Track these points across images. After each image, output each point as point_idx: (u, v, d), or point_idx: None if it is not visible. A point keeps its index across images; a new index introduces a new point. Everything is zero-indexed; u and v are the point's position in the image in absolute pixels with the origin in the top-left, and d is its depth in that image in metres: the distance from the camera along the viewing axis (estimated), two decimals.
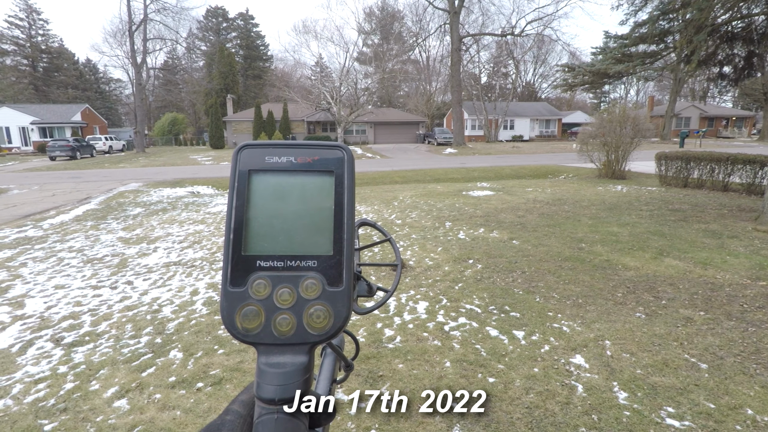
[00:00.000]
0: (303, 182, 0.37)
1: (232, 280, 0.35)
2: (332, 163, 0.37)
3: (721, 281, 4.39)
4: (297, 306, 0.34)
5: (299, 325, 0.34)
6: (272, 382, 0.33)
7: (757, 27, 8.81)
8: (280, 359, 0.33)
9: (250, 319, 0.34)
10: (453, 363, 2.99)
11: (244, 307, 0.34)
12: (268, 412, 0.32)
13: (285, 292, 0.34)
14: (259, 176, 0.37)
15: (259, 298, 0.34)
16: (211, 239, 6.65)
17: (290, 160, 0.37)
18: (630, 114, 13.41)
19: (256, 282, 0.34)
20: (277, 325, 0.33)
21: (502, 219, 7.65)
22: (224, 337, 3.43)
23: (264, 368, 0.33)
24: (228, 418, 0.35)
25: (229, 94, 47.51)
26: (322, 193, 0.37)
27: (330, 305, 0.34)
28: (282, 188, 0.37)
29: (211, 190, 13.23)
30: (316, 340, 0.34)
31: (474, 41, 41.33)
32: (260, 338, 0.34)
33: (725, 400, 2.50)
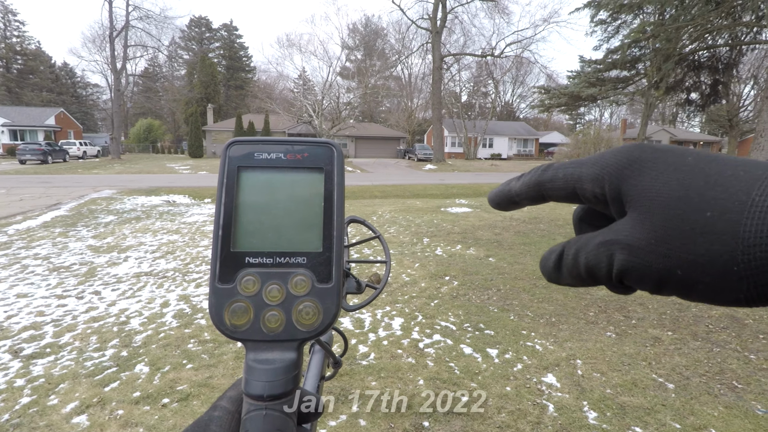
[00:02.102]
0: (292, 179, 0.37)
1: (221, 277, 0.34)
2: (322, 159, 0.37)
3: (688, 302, 4.50)
4: (286, 302, 0.34)
5: (288, 322, 0.34)
6: (261, 378, 0.33)
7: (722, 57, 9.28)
8: (268, 356, 0.33)
9: (239, 316, 0.33)
10: (426, 381, 2.97)
11: (233, 303, 0.34)
12: (257, 408, 0.32)
13: (274, 288, 0.34)
14: (248, 172, 0.37)
15: (247, 295, 0.34)
16: (185, 250, 6.51)
17: (279, 156, 0.37)
18: (604, 136, 13.84)
19: (245, 278, 0.34)
20: (266, 322, 0.33)
21: (479, 236, 7.73)
22: (194, 351, 3.34)
23: (252, 365, 0.33)
24: (216, 414, 0.34)
25: (210, 103, 47.12)
26: (312, 190, 0.36)
27: (319, 302, 0.34)
28: (271, 184, 0.36)
29: (188, 200, 12.99)
30: (305, 337, 0.34)
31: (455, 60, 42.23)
32: (249, 335, 0.33)
33: (690, 421, 2.55)
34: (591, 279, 0.26)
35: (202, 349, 3.38)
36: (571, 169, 0.28)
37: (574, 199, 0.28)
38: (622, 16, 9.56)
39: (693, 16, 8.13)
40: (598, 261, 0.25)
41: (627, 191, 0.25)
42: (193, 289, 4.79)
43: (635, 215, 0.24)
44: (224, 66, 64.95)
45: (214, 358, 3.25)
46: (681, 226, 0.22)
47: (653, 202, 0.24)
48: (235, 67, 66.06)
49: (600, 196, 0.27)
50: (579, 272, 0.27)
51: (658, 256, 0.23)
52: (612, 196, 0.26)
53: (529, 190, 0.31)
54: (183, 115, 51.61)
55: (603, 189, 0.26)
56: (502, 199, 0.33)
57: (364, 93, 39.00)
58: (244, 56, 67.72)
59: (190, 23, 63.78)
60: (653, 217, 0.24)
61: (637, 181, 0.25)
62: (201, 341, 3.53)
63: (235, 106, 60.10)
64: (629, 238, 0.24)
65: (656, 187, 0.24)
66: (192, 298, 4.49)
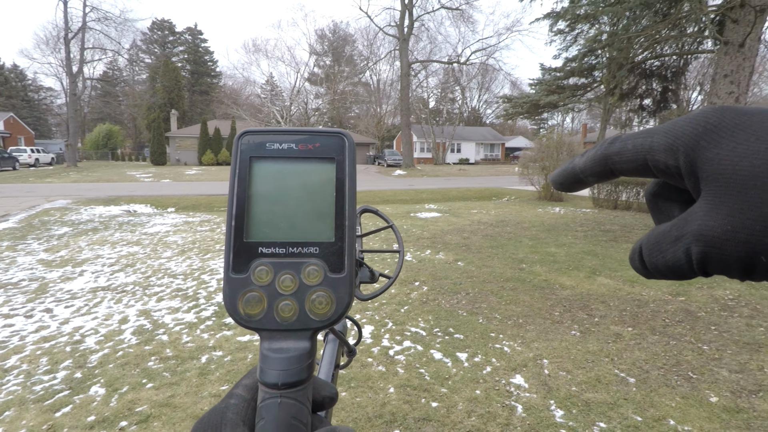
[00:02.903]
0: (304, 169, 0.37)
1: (234, 267, 0.35)
2: (333, 149, 0.37)
3: (646, 298, 4.68)
4: (299, 292, 0.34)
5: (301, 311, 0.34)
6: (275, 367, 0.33)
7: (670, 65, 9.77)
8: (282, 345, 0.34)
9: (253, 305, 0.34)
10: (397, 389, 2.96)
11: (247, 293, 0.34)
12: (272, 396, 0.33)
13: (287, 278, 0.34)
14: (260, 163, 0.37)
15: (261, 285, 0.34)
16: (147, 262, 6.28)
17: (291, 146, 0.37)
18: (565, 140, 14.26)
19: (258, 268, 0.34)
20: (280, 311, 0.34)
21: (448, 240, 7.81)
22: (154, 369, 3.20)
23: (267, 353, 0.34)
24: (232, 401, 0.35)
25: (173, 109, 45.87)
26: (324, 180, 0.37)
27: (332, 291, 0.34)
28: (283, 175, 0.37)
29: (150, 209, 12.57)
30: (318, 326, 0.34)
31: (422, 67, 42.74)
32: (263, 324, 0.34)
33: (650, 413, 2.64)
34: (678, 275, 0.24)
35: (163, 367, 3.25)
36: (641, 139, 0.26)
37: (646, 172, 0.26)
38: (579, 26, 9.94)
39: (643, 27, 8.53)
40: (677, 259, 0.24)
41: (702, 165, 0.23)
42: (154, 303, 4.62)
43: (710, 197, 0.22)
44: (188, 71, 63.40)
45: (177, 375, 3.13)
46: (762, 207, 0.20)
47: (730, 180, 0.21)
48: (200, 72, 64.59)
49: (674, 168, 0.24)
50: (663, 272, 0.25)
51: (737, 243, 0.21)
52: (687, 170, 0.24)
53: (594, 165, 0.28)
54: (145, 120, 49.99)
55: (677, 161, 0.24)
56: (566, 177, 0.31)
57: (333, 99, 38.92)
58: (209, 61, 66.34)
59: (153, 26, 62.00)
60: (729, 200, 0.21)
61: (713, 153, 0.22)
62: (162, 358, 3.39)
63: (200, 111, 58.76)
64: (703, 227, 0.22)
65: (734, 162, 0.21)
66: (153, 313, 4.32)
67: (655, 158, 0.25)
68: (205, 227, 9.35)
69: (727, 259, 0.21)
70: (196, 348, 3.57)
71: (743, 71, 7.54)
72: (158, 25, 62.37)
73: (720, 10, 7.92)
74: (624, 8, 8.24)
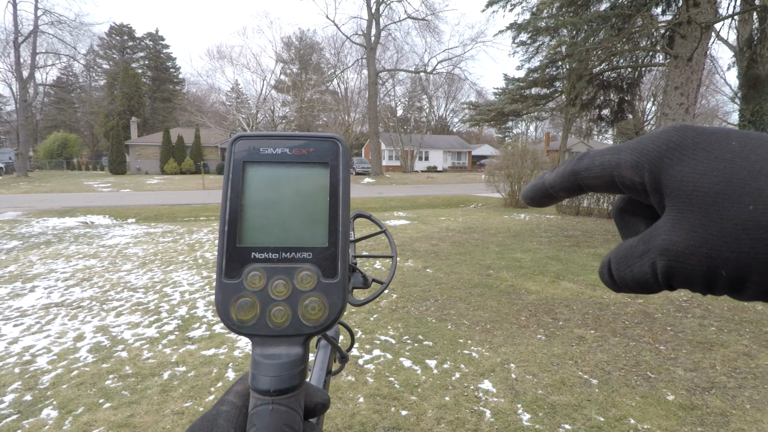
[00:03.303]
0: (298, 174, 0.37)
1: (227, 272, 0.35)
2: (327, 154, 0.37)
3: (607, 301, 4.85)
4: (292, 298, 0.34)
5: (294, 317, 0.34)
6: (267, 373, 0.33)
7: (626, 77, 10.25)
8: (275, 351, 0.34)
9: (245, 311, 0.34)
10: (366, 398, 2.94)
11: (239, 298, 0.34)
12: (263, 402, 0.32)
13: (280, 283, 0.34)
14: (253, 167, 0.36)
15: (253, 290, 0.34)
16: (105, 275, 6.01)
17: (285, 151, 0.37)
18: (530, 149, 14.69)
19: (251, 274, 0.34)
20: (272, 317, 0.34)
21: (417, 248, 7.86)
22: (112, 388, 3.06)
23: (259, 360, 0.33)
24: (223, 408, 0.34)
25: (133, 116, 44.41)
26: (317, 185, 0.36)
27: (325, 297, 0.34)
28: (277, 180, 0.36)
29: (108, 220, 12.08)
30: (310, 332, 0.34)
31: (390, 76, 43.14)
32: (255, 330, 0.34)
33: (612, 413, 2.72)
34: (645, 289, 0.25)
35: (122, 385, 3.11)
36: (608, 156, 0.27)
37: (612, 188, 0.27)
38: (540, 38, 10.30)
39: (600, 40, 8.93)
40: (643, 273, 0.24)
41: (666, 182, 0.23)
42: (112, 318, 4.42)
43: (673, 213, 0.23)
44: (149, 77, 61.58)
45: (137, 393, 3.00)
46: (722, 223, 0.21)
47: (692, 197, 0.22)
48: (162, 79, 62.86)
49: (639, 185, 0.25)
50: (631, 286, 0.26)
51: (700, 258, 0.22)
52: (652, 186, 0.24)
53: (564, 181, 0.29)
54: (103, 128, 48.13)
55: (642, 177, 0.25)
56: (536, 193, 0.31)
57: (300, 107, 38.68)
58: (172, 67, 64.68)
59: (111, 31, 59.92)
60: (692, 216, 0.22)
61: (676, 170, 0.23)
62: (121, 376, 3.24)
63: (163, 119, 57.12)
64: (667, 242, 0.23)
65: (695, 179, 0.22)
66: (111, 329, 4.14)
67: (622, 174, 0.26)
68: (168, 238, 9.06)
69: (690, 273, 0.22)
70: (157, 364, 3.44)
71: (692, 84, 7.99)
72: (117, 30, 60.35)
73: (669, 25, 8.39)
74: (582, 21, 8.61)
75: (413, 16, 35.73)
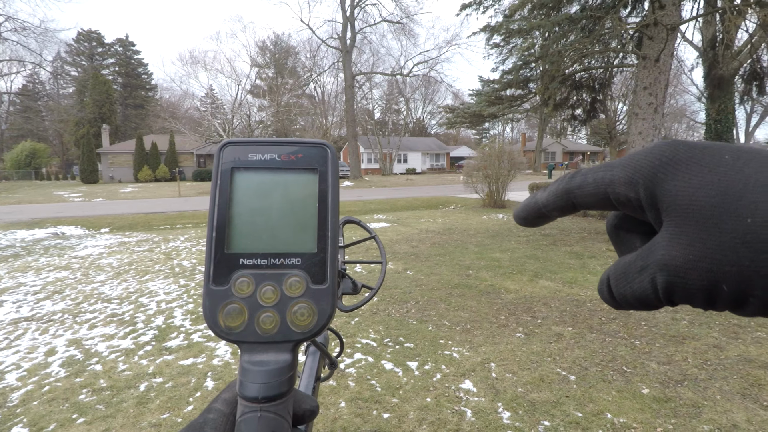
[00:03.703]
0: (286, 179, 0.37)
1: (215, 279, 0.34)
2: (316, 160, 0.37)
3: (584, 298, 4.95)
4: (281, 304, 0.34)
5: (283, 323, 0.34)
6: (255, 380, 0.32)
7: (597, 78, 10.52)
8: (263, 357, 0.33)
9: (233, 317, 0.33)
10: (348, 402, 2.92)
11: (227, 305, 0.34)
12: (252, 410, 0.32)
13: (268, 290, 0.34)
14: (242, 173, 0.36)
15: (242, 296, 0.34)
16: (77, 287, 5.84)
17: (273, 157, 0.37)
18: (506, 149, 14.90)
19: (239, 280, 0.34)
20: (261, 323, 0.33)
21: (397, 250, 7.87)
22: (86, 402, 2.97)
23: (247, 366, 0.33)
24: (210, 416, 0.34)
25: (104, 123, 43.34)
26: (306, 191, 0.36)
27: (314, 303, 0.34)
28: (265, 185, 0.36)
29: (81, 231, 11.74)
30: (299, 338, 0.34)
31: (366, 79, 43.24)
32: (243, 336, 0.34)
33: (590, 408, 2.77)
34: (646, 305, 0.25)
35: (96, 399, 3.02)
36: (602, 173, 0.26)
37: (607, 205, 0.27)
38: (513, 40, 10.48)
39: (571, 41, 9.14)
40: (644, 289, 0.24)
41: (661, 197, 0.23)
42: (86, 331, 4.30)
43: (671, 228, 0.23)
44: (120, 83, 60.22)
45: (112, 407, 2.92)
46: (720, 237, 0.21)
47: (688, 211, 0.22)
48: (134, 85, 61.55)
49: (635, 201, 0.25)
50: (631, 302, 0.25)
51: (700, 272, 0.21)
52: (648, 202, 0.24)
53: (557, 200, 0.29)
54: (73, 137, 46.85)
55: (637, 193, 0.24)
56: (529, 212, 0.31)
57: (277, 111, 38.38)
58: (144, 73, 63.41)
59: (79, 37, 58.38)
60: (689, 230, 0.22)
61: (671, 185, 0.23)
62: (95, 390, 3.15)
63: (135, 126, 55.93)
64: (666, 256, 0.22)
65: (690, 193, 0.22)
66: (85, 342, 4.02)
67: (616, 191, 0.25)
68: (143, 247, 8.86)
69: (691, 287, 0.22)
70: (133, 376, 3.36)
71: (660, 84, 8.24)
72: (85, 36, 58.83)
73: (637, 27, 8.65)
74: (553, 23, 8.81)
75: (388, 20, 35.92)
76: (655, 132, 7.57)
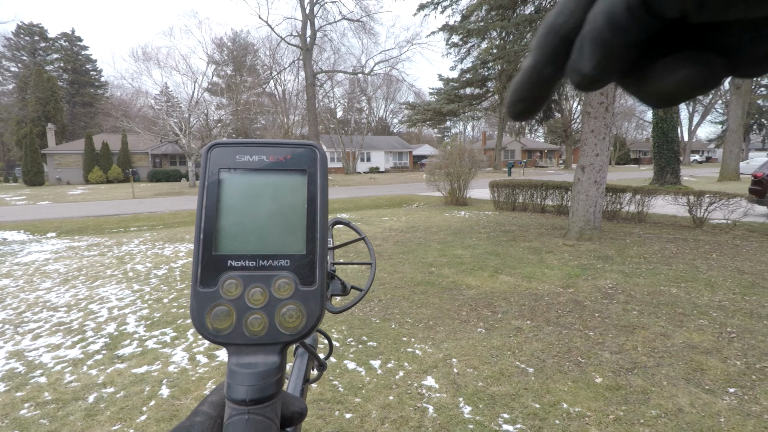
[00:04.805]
0: (275, 181, 0.36)
1: (202, 281, 0.34)
2: (305, 161, 0.37)
3: (541, 292, 5.10)
4: (269, 306, 0.34)
5: (271, 325, 0.33)
6: (243, 382, 0.32)
7: None
8: (251, 359, 0.33)
9: (221, 320, 0.33)
10: (310, 404, 2.88)
11: (215, 307, 0.33)
12: (239, 412, 0.32)
13: (257, 291, 0.34)
14: (230, 175, 0.36)
15: (230, 298, 0.34)
16: (19, 296, 5.49)
17: (262, 158, 0.37)
18: (467, 148, 15.17)
19: (227, 282, 0.34)
20: (249, 325, 0.33)
21: (361, 248, 7.85)
22: (28, 417, 2.79)
23: (235, 369, 0.33)
24: (197, 419, 0.33)
25: (50, 122, 40.95)
26: (295, 192, 0.36)
27: (303, 305, 0.34)
28: (254, 187, 0.36)
29: (24, 236, 11.05)
30: (288, 340, 0.34)
31: (328, 77, 42.91)
32: (231, 338, 0.33)
33: (547, 399, 2.86)
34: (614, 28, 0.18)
35: (40, 414, 2.84)
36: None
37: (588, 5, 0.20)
38: (471, 40, 10.66)
39: (527, 42, 9.40)
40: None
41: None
42: (28, 342, 4.04)
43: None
44: (67, 80, 56.96)
45: (57, 421, 2.76)
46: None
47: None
48: (81, 82, 58.38)
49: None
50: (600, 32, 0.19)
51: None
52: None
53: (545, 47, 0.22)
54: (14, 136, 43.99)
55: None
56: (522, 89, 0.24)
57: (236, 110, 37.47)
58: (92, 70, 60.22)
59: (18, 30, 54.82)
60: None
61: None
62: (39, 404, 2.97)
63: (84, 125, 53.13)
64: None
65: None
66: (27, 354, 3.78)
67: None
68: (94, 251, 8.43)
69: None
70: (81, 387, 3.18)
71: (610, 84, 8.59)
72: (26, 29, 55.24)
73: None
74: (510, 24, 9.03)
75: (348, 18, 35.76)
76: (606, 130, 7.91)
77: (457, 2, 10.19)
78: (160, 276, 6.35)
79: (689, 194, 9.57)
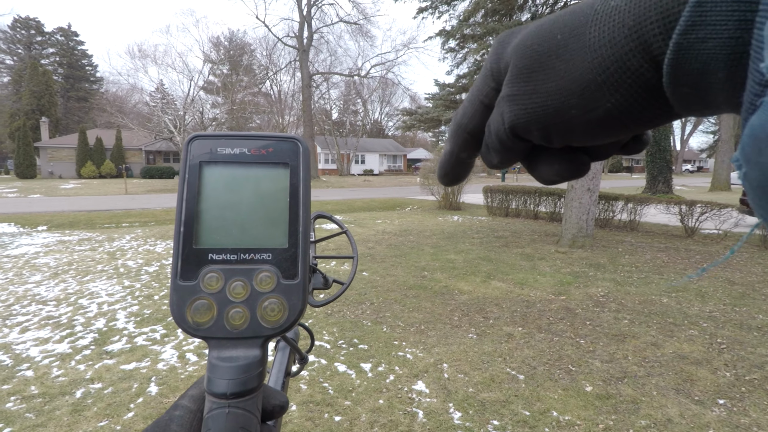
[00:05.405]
0: (257, 174, 0.36)
1: (183, 274, 0.34)
2: (287, 154, 0.37)
3: (533, 298, 5.12)
4: (251, 299, 0.34)
5: (253, 319, 0.33)
6: (224, 376, 0.32)
7: None
8: (232, 353, 0.33)
9: (202, 313, 0.33)
10: (299, 406, 2.87)
11: (195, 300, 0.33)
12: (219, 406, 0.32)
13: (238, 285, 0.34)
14: (210, 168, 0.36)
15: (210, 292, 0.34)
16: (8, 288, 5.42)
17: (243, 151, 0.36)
18: None
19: (208, 275, 0.34)
20: (230, 319, 0.33)
21: (342, 243, 7.83)
22: (14, 411, 2.75)
23: (215, 362, 0.33)
24: (177, 413, 0.33)
25: (43, 116, 40.60)
26: (277, 185, 0.36)
27: (285, 298, 0.34)
28: (235, 180, 0.36)
29: (14, 228, 10.91)
30: (269, 334, 0.34)
31: (324, 79, 42.93)
32: (212, 332, 0.33)
33: (537, 406, 2.86)
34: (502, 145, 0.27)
35: (26, 407, 2.80)
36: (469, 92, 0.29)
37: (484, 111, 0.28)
38: (468, 44, 10.70)
39: None
40: (497, 125, 0.26)
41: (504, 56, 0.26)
42: (16, 335, 3.99)
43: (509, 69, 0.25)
44: (62, 75, 56.52)
45: (44, 415, 2.72)
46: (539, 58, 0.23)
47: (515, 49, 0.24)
48: (77, 77, 57.94)
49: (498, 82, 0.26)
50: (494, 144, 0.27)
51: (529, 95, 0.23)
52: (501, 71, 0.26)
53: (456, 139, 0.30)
54: (7, 129, 43.53)
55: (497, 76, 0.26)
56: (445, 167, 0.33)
57: (231, 108, 37.33)
58: (88, 65, 59.79)
59: (15, 24, 54.31)
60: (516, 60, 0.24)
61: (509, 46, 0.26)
62: (25, 397, 2.93)
63: (78, 120, 52.70)
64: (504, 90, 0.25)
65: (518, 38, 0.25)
66: (14, 347, 3.73)
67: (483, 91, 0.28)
68: (85, 246, 8.35)
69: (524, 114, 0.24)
70: (69, 382, 3.15)
71: None
72: (22, 23, 54.76)
73: None
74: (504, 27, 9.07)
75: (345, 20, 35.83)
76: None
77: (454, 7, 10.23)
78: (151, 273, 6.30)
79: (681, 204, 9.66)
